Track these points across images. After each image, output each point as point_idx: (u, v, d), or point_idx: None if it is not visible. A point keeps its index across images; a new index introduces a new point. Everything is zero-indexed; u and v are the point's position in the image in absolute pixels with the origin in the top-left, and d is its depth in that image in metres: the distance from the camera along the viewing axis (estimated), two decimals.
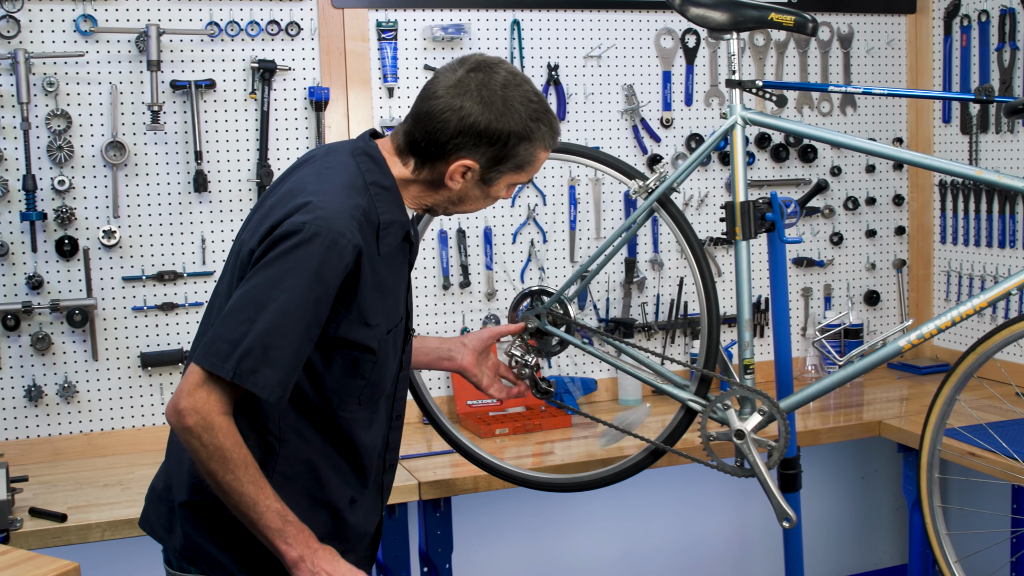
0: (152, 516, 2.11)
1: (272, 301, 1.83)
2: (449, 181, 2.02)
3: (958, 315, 2.32)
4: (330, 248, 1.85)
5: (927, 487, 2.52)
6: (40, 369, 3.18)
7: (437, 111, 1.95)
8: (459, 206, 2.11)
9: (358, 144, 2.05)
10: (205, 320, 2.09)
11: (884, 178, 4.14)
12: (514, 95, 1.97)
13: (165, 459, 2.12)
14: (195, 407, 1.83)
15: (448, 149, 1.97)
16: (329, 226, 1.85)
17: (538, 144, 2.02)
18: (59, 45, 3.13)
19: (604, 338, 2.76)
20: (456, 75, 1.97)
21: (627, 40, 3.75)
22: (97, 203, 3.19)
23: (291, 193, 1.93)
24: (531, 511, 3.89)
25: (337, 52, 3.40)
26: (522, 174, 2.06)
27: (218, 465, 1.85)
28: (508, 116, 1.96)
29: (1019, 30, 3.68)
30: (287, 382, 1.87)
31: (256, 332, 1.82)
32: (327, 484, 2.06)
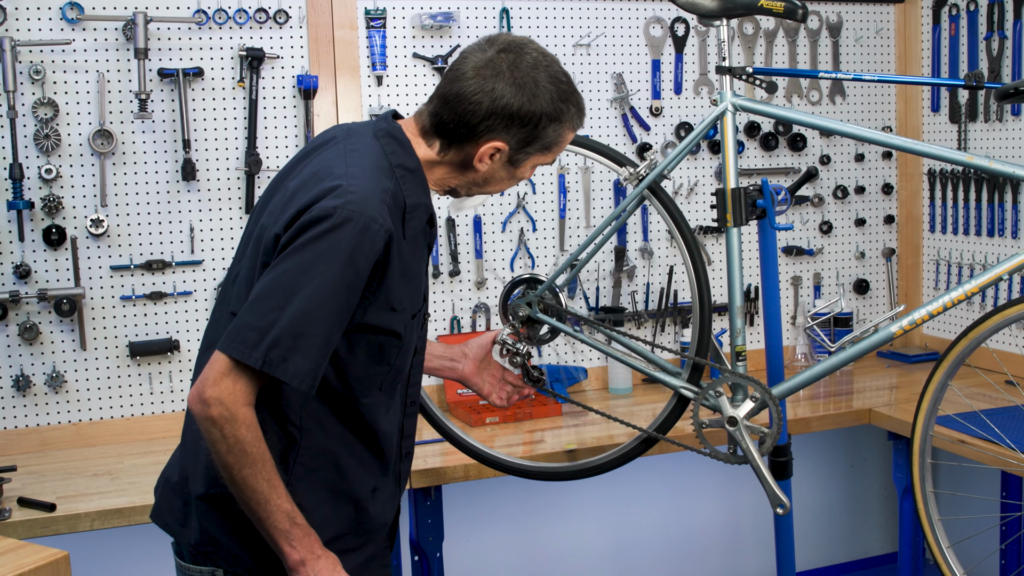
0: (165, 509, 2.06)
1: (303, 287, 1.79)
2: (477, 163, 1.99)
3: (949, 300, 2.32)
4: (362, 233, 1.81)
5: (919, 472, 2.53)
6: (28, 359, 3.16)
7: (468, 92, 1.93)
8: (483, 187, 2.08)
9: (381, 125, 2.01)
10: (219, 307, 2.05)
11: (873, 167, 4.14)
12: (543, 76, 1.95)
13: (180, 450, 2.06)
14: (220, 397, 1.79)
15: (479, 131, 1.95)
16: (361, 211, 1.81)
17: (567, 125, 2.01)
18: (45, 33, 3.11)
19: (595, 326, 2.76)
20: (486, 55, 1.94)
21: (616, 29, 3.74)
22: (84, 192, 3.17)
23: (316, 176, 1.88)
24: (522, 500, 3.89)
25: (326, 40, 3.38)
26: (548, 155, 2.05)
27: (236, 458, 1.82)
28: (539, 98, 1.94)
29: (1007, 19, 3.68)
30: (318, 370, 1.83)
31: (286, 319, 1.78)
32: (349, 474, 2.03)
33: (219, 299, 2.08)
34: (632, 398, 3.65)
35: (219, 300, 2.08)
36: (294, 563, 1.88)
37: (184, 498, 2.01)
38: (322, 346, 1.82)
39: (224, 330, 1.91)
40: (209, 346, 2.03)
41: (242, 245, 2.04)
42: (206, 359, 2.01)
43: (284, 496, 1.86)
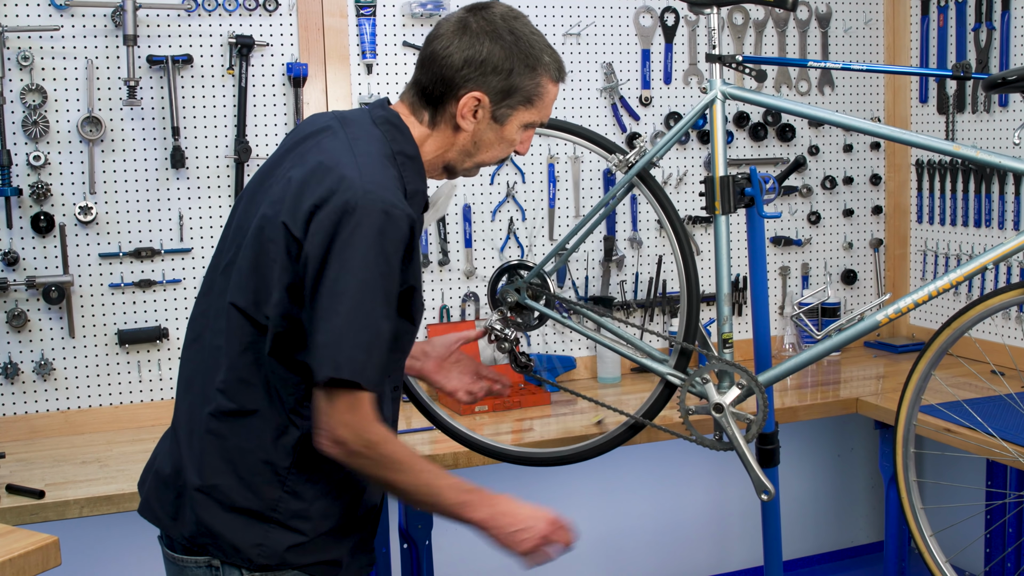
0: (154, 503, 2.02)
1: (358, 293, 1.80)
2: (461, 120, 2.01)
3: (935, 289, 2.34)
4: (392, 222, 1.83)
5: (903, 462, 2.54)
6: (16, 346, 3.16)
7: (441, 48, 1.98)
8: (476, 156, 2.08)
9: (379, 112, 2.03)
10: (208, 298, 2.03)
11: (861, 158, 4.16)
12: (515, 26, 2.00)
13: (171, 442, 2.03)
14: (357, 429, 1.84)
15: (456, 83, 1.98)
16: (383, 199, 1.83)
17: (543, 74, 2.03)
18: (34, 19, 3.10)
19: (583, 311, 2.76)
20: (455, 16, 2.02)
21: (606, 18, 3.74)
22: (73, 179, 3.17)
23: (324, 168, 1.87)
24: (510, 488, 3.85)
25: (315, 28, 3.38)
26: (532, 109, 2.05)
27: (392, 472, 1.88)
28: (512, 45, 1.99)
29: (995, 10, 3.70)
30: (383, 370, 1.88)
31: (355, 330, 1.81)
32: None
33: (205, 289, 2.06)
34: (621, 387, 3.66)
35: (205, 290, 2.06)
36: (482, 523, 1.97)
37: (177, 490, 1.98)
38: (384, 345, 1.86)
39: (215, 322, 1.93)
40: (196, 338, 2.03)
41: (233, 234, 2.02)
42: (196, 353, 2.02)
43: (442, 473, 1.94)
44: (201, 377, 1.99)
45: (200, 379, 1.99)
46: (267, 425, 1.91)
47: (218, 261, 2.04)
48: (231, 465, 1.92)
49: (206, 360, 1.98)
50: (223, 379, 1.93)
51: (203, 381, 1.98)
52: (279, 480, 1.93)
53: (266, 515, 1.93)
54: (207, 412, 1.94)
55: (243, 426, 1.92)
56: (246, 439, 1.92)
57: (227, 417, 1.93)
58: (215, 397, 1.93)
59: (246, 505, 1.92)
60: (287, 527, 1.93)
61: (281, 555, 1.93)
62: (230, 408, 1.92)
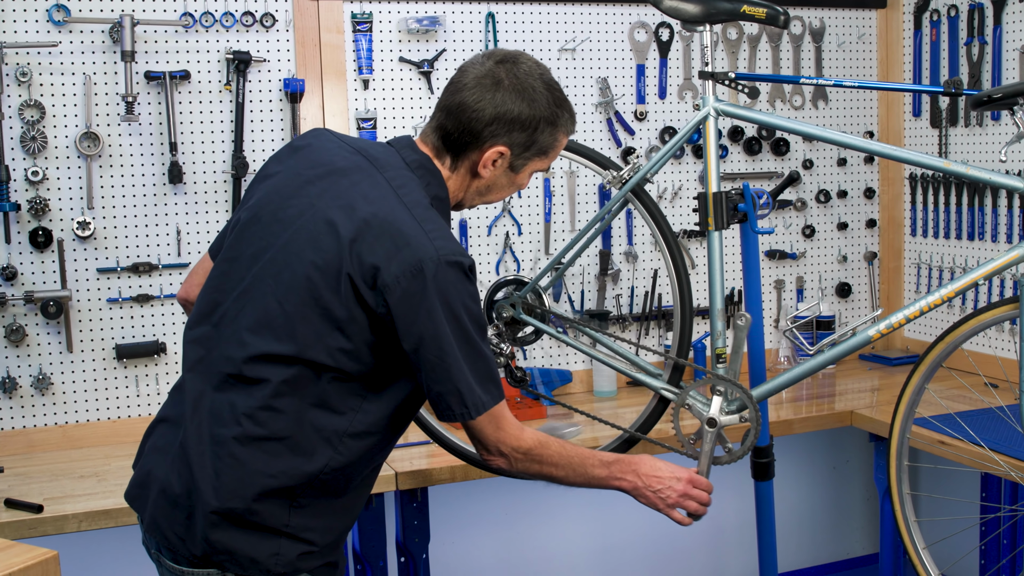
0: (162, 522, 2.01)
1: (462, 340, 1.94)
2: (482, 169, 2.09)
3: (926, 304, 2.36)
4: (465, 270, 1.95)
5: (896, 475, 2.56)
6: (14, 361, 3.17)
7: (471, 101, 2.04)
8: (486, 196, 2.19)
9: (412, 156, 2.09)
10: (205, 319, 2.05)
11: (855, 171, 4.18)
12: (539, 83, 2.08)
13: (180, 463, 2.00)
14: (512, 444, 2.06)
15: (483, 137, 2.06)
16: (452, 250, 1.93)
17: (561, 129, 2.13)
18: (32, 35, 3.12)
19: (578, 327, 2.78)
20: (484, 67, 2.07)
21: (601, 33, 3.77)
22: (71, 194, 3.19)
23: (382, 221, 1.92)
24: (508, 501, 3.91)
25: (312, 44, 3.40)
26: (545, 159, 2.16)
27: (546, 468, 2.14)
28: (537, 102, 2.07)
29: (987, 24, 3.72)
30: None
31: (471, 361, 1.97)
32: (361, 491, 2.12)
33: (206, 310, 2.06)
34: (616, 400, 3.67)
35: (207, 311, 2.05)
36: (631, 489, 2.25)
37: (188, 510, 1.97)
38: (495, 364, 2.06)
39: (229, 349, 1.97)
40: (201, 360, 2.03)
41: (248, 262, 2.02)
42: (201, 376, 2.01)
43: (586, 456, 2.19)
44: (213, 400, 1.99)
45: (211, 402, 1.99)
46: (293, 452, 1.95)
47: (223, 283, 2.05)
48: (250, 489, 1.94)
49: (218, 384, 1.99)
50: (252, 406, 1.94)
51: (217, 404, 1.98)
52: (293, 502, 1.97)
53: (279, 530, 1.96)
54: (230, 436, 1.94)
55: (267, 452, 1.94)
56: (268, 465, 1.94)
57: (254, 442, 1.94)
58: (241, 422, 1.94)
59: (260, 523, 1.95)
60: (298, 538, 1.98)
61: (294, 563, 1.98)
62: (259, 434, 1.94)
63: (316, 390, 1.95)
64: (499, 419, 2.03)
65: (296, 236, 1.98)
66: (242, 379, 1.96)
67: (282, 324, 1.95)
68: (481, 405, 1.98)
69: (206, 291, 2.09)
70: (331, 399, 1.96)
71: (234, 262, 2.06)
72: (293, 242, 1.98)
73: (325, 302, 1.93)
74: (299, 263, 1.96)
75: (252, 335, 1.96)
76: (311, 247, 1.95)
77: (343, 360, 1.94)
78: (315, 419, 1.96)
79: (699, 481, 2.31)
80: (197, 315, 2.09)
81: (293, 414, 1.95)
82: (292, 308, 1.95)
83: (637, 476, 2.24)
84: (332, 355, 1.94)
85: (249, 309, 1.99)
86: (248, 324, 1.98)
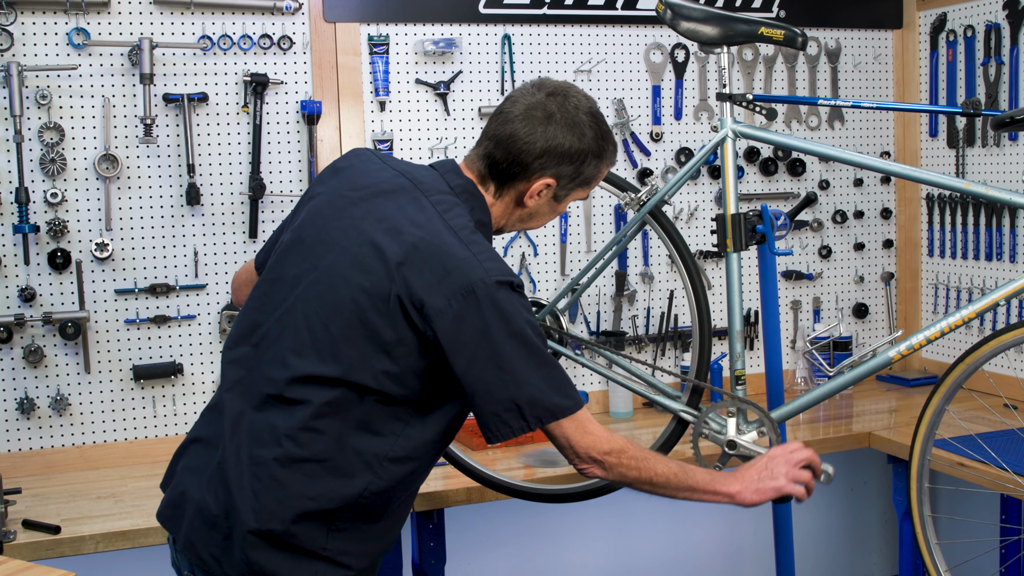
0: (198, 543, 2.00)
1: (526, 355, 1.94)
2: (528, 199, 2.12)
3: (947, 326, 2.34)
4: (516, 289, 1.96)
5: (917, 496, 2.54)
6: (32, 382, 3.18)
7: (523, 133, 2.06)
8: (527, 222, 2.21)
9: (456, 181, 2.10)
10: (245, 340, 2.06)
11: (872, 192, 4.17)
12: (587, 118, 2.10)
13: (216, 482, 2.00)
14: (603, 448, 2.03)
15: (532, 168, 2.08)
16: (501, 271, 1.95)
17: (606, 161, 2.16)
18: (52, 58, 3.14)
19: (596, 348, 2.78)
20: (535, 99, 2.09)
21: (617, 55, 3.78)
22: (90, 216, 3.20)
23: (429, 244, 1.94)
24: (523, 523, 3.90)
25: (329, 66, 3.42)
26: (587, 189, 2.18)
27: (650, 472, 2.08)
28: (585, 136, 2.09)
29: (1004, 45, 3.72)
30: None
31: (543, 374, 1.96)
32: (399, 516, 2.12)
33: (246, 331, 2.07)
34: (633, 422, 3.66)
35: (246, 332, 2.07)
36: (737, 493, 2.17)
37: (226, 532, 1.97)
38: (561, 368, 2.04)
39: (270, 369, 1.98)
40: (240, 380, 2.04)
41: (291, 283, 2.03)
42: (240, 396, 2.02)
43: (689, 469, 2.14)
44: (253, 420, 1.99)
45: (251, 422, 1.99)
46: (333, 474, 1.95)
47: (264, 304, 2.06)
48: (289, 511, 1.93)
49: (258, 405, 1.99)
50: (294, 427, 1.94)
51: (257, 425, 1.98)
52: (332, 525, 1.97)
53: (317, 553, 1.96)
54: (270, 457, 1.94)
55: (307, 474, 1.94)
56: (308, 487, 1.94)
57: (294, 463, 1.94)
58: (282, 443, 1.94)
59: (299, 545, 1.95)
60: (335, 562, 1.98)
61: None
62: (300, 455, 1.94)
63: (359, 413, 1.95)
64: (584, 423, 2.02)
65: (340, 258, 1.99)
66: (283, 400, 1.96)
67: (327, 346, 1.95)
68: (560, 410, 1.97)
69: (246, 311, 2.10)
70: (373, 422, 1.96)
71: (276, 283, 2.07)
72: (338, 264, 1.98)
73: (372, 324, 1.93)
74: (344, 285, 1.96)
75: (295, 356, 1.96)
76: (357, 269, 1.96)
77: (387, 383, 1.94)
78: (356, 442, 1.96)
79: (794, 446, 2.30)
80: (237, 335, 2.09)
81: (334, 436, 1.94)
82: (337, 330, 1.95)
83: (735, 479, 2.19)
84: (376, 378, 1.94)
85: (291, 330, 1.99)
86: (291, 345, 1.98)
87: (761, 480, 2.20)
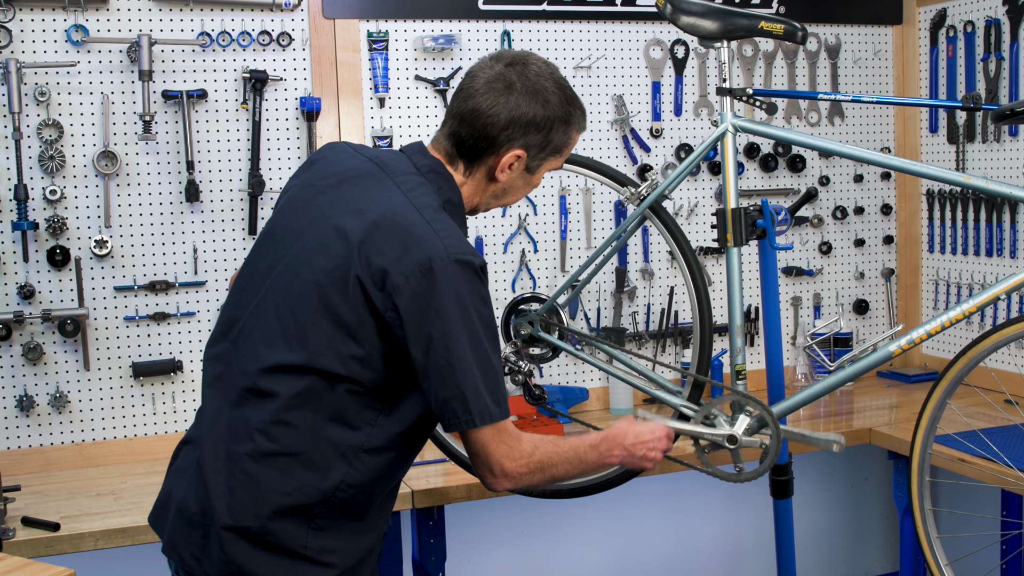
0: (179, 542, 2.00)
1: (471, 344, 1.90)
2: (499, 173, 2.09)
3: (947, 320, 2.34)
4: (476, 270, 1.92)
5: (918, 491, 2.54)
6: (32, 379, 3.17)
7: (485, 106, 2.03)
8: (502, 199, 2.18)
9: (422, 160, 2.08)
10: (223, 337, 2.05)
11: (872, 188, 4.17)
12: (550, 83, 2.07)
13: (195, 481, 2.00)
14: (514, 458, 1.98)
15: (499, 142, 2.05)
16: (462, 250, 1.91)
17: (574, 126, 2.13)
18: (51, 55, 3.14)
19: (596, 343, 2.77)
20: (494, 71, 2.05)
21: (616, 51, 3.77)
22: (89, 213, 3.20)
23: (390, 223, 1.91)
24: (524, 519, 3.89)
25: (328, 62, 3.41)
26: (559, 158, 2.16)
27: (549, 471, 2.05)
28: (550, 103, 2.06)
29: (1004, 40, 3.72)
30: None
31: (481, 371, 1.91)
32: (382, 510, 2.10)
33: (224, 327, 2.06)
34: None
35: (224, 328, 2.06)
36: (622, 461, 2.22)
37: (203, 530, 1.96)
38: (502, 375, 2.00)
39: (244, 362, 1.96)
40: (219, 376, 2.03)
41: (262, 276, 2.03)
42: (219, 392, 2.01)
43: (579, 445, 2.13)
44: (230, 416, 1.98)
45: (228, 418, 1.98)
46: (307, 468, 1.93)
47: (240, 299, 2.05)
48: (264, 507, 1.92)
49: (235, 400, 1.98)
50: (265, 420, 1.93)
51: (233, 421, 1.97)
52: (310, 520, 1.95)
53: (297, 552, 1.94)
54: (243, 452, 1.93)
55: (281, 468, 1.92)
56: (283, 482, 1.92)
57: (267, 458, 1.92)
58: (254, 437, 1.93)
59: (277, 543, 1.93)
60: (317, 562, 1.95)
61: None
62: (272, 449, 1.92)
63: (331, 403, 1.93)
64: (504, 433, 1.96)
65: (306, 245, 1.98)
66: (257, 392, 1.95)
67: (294, 333, 1.93)
68: (488, 415, 1.92)
69: (226, 307, 2.09)
70: (346, 413, 1.94)
71: (250, 277, 2.07)
72: (304, 251, 1.98)
73: (335, 307, 1.91)
74: (309, 270, 1.95)
75: (266, 347, 1.96)
76: (321, 254, 1.95)
77: (356, 368, 1.92)
78: (331, 434, 1.94)
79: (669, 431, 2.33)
80: (217, 333, 2.09)
81: (307, 429, 1.93)
82: (303, 316, 1.93)
83: (624, 449, 2.21)
84: (344, 363, 1.91)
85: (262, 321, 1.98)
86: (263, 336, 1.97)
87: (644, 458, 2.25)
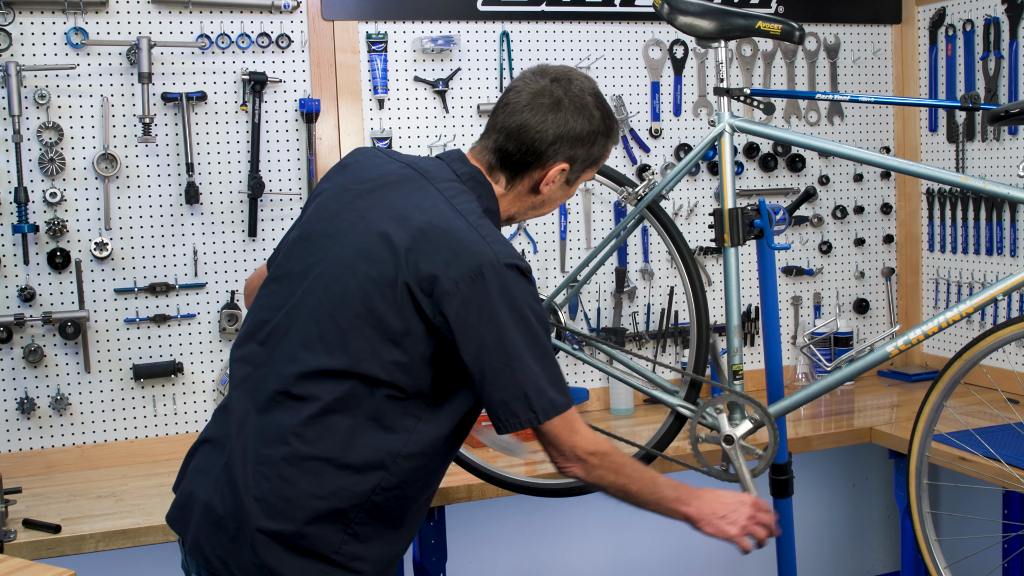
0: (205, 544, 1.99)
1: (530, 343, 1.93)
2: (544, 186, 2.12)
3: (945, 320, 2.34)
4: (524, 273, 1.96)
5: (916, 493, 2.54)
6: (32, 381, 3.18)
7: (533, 122, 2.06)
8: (539, 209, 2.22)
9: (463, 168, 2.10)
10: (251, 338, 2.05)
11: (872, 187, 4.17)
12: (592, 100, 2.12)
13: (223, 482, 1.98)
14: (588, 448, 2.03)
15: (546, 156, 2.08)
16: (509, 254, 1.94)
17: (612, 139, 2.18)
18: (50, 58, 3.14)
19: (595, 343, 2.78)
20: (539, 85, 2.09)
21: (615, 51, 3.77)
22: (89, 215, 3.20)
23: (436, 228, 1.93)
24: (525, 519, 3.90)
25: (327, 64, 3.42)
26: (595, 169, 2.20)
27: (621, 476, 2.08)
28: (594, 118, 2.11)
29: (1003, 39, 3.72)
30: None
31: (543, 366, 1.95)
32: (417, 517, 2.11)
33: (252, 328, 2.06)
34: (633, 418, 3.66)
35: (253, 329, 2.06)
36: (696, 515, 2.17)
37: (232, 533, 1.95)
38: (559, 367, 2.03)
39: (279, 366, 1.97)
40: (247, 377, 2.02)
41: (298, 278, 2.03)
42: (247, 394, 2.00)
43: (660, 482, 2.14)
44: (258, 419, 1.97)
45: (256, 421, 1.97)
46: (343, 471, 1.93)
47: (271, 302, 2.05)
48: (300, 511, 1.92)
49: (264, 403, 1.98)
50: (301, 424, 1.93)
51: (263, 424, 1.96)
52: (346, 525, 1.95)
53: (330, 558, 1.94)
54: (278, 456, 1.93)
55: (317, 472, 1.92)
56: (318, 486, 1.92)
57: (304, 461, 1.92)
58: (289, 441, 1.93)
59: (311, 548, 1.93)
60: (347, 568, 1.96)
61: None
62: (309, 453, 1.92)
63: (370, 408, 1.93)
64: (574, 422, 2.01)
65: (347, 249, 1.98)
66: (291, 396, 1.95)
67: (334, 338, 1.94)
68: (554, 408, 1.96)
69: (254, 309, 2.09)
70: (385, 418, 1.95)
71: (283, 280, 2.06)
72: (344, 255, 1.98)
73: (380, 313, 1.92)
74: (352, 276, 1.95)
75: (304, 351, 1.96)
76: (364, 259, 1.95)
77: (397, 374, 1.93)
78: (368, 438, 1.94)
79: (762, 505, 2.25)
80: (244, 334, 2.09)
81: (345, 433, 1.93)
82: (345, 321, 1.94)
83: (702, 502, 2.18)
84: (386, 369, 1.92)
85: (300, 325, 1.98)
86: (300, 340, 1.97)
87: (723, 519, 2.19)
